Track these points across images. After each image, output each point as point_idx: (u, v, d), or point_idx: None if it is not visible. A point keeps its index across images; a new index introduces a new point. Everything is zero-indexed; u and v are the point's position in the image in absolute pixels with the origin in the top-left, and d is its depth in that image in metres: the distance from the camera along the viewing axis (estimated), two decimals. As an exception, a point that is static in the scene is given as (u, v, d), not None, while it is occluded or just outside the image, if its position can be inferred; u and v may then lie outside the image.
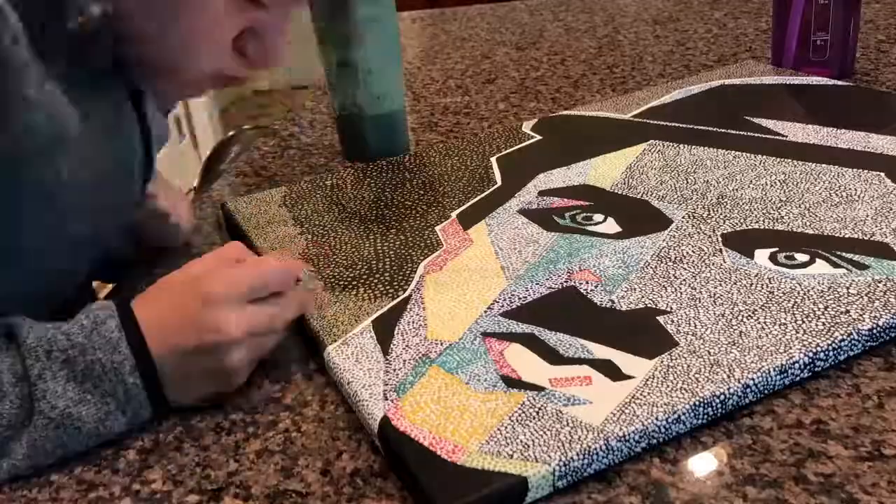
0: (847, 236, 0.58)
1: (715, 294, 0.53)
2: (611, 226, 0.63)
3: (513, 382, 0.47)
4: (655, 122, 0.83)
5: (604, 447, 0.42)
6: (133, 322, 0.48)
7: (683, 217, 0.63)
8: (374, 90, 0.82)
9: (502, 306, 0.54)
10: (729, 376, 0.45)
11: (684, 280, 0.55)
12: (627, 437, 0.42)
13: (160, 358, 0.47)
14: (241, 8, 0.52)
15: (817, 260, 0.56)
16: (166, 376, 0.48)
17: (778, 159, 0.71)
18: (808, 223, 0.61)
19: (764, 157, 0.72)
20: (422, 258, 0.61)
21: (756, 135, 0.77)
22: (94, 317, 0.47)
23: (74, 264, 0.58)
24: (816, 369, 0.47)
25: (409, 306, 0.55)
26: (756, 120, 0.80)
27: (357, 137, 0.85)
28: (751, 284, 0.54)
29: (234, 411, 0.50)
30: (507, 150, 0.80)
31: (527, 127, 0.85)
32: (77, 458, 0.48)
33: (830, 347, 0.47)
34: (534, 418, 0.44)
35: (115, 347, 0.46)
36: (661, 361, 0.47)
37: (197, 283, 0.50)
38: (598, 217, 0.65)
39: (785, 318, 0.50)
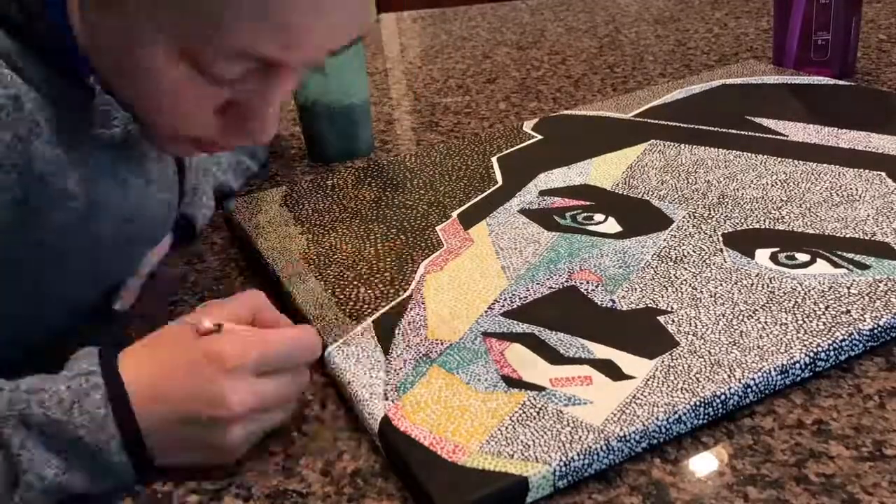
0: (848, 236, 0.58)
1: (716, 294, 0.53)
2: (611, 226, 0.63)
3: (513, 382, 0.47)
4: (656, 121, 0.82)
5: (604, 447, 0.42)
6: (120, 387, 0.43)
7: (684, 217, 0.63)
8: (333, 92, 0.82)
9: (503, 306, 0.54)
10: (730, 376, 0.45)
11: (685, 280, 0.55)
12: (628, 438, 0.42)
13: (148, 430, 0.43)
14: (206, 82, 0.46)
15: (818, 260, 0.56)
16: (155, 448, 0.44)
17: (779, 159, 0.71)
18: (808, 223, 0.60)
19: (765, 156, 0.72)
20: (422, 258, 0.61)
21: (757, 134, 0.77)
22: (77, 387, 0.43)
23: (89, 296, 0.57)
24: (817, 369, 0.47)
25: (409, 306, 0.55)
26: (757, 120, 0.80)
27: (315, 137, 0.86)
28: (751, 284, 0.54)
29: (234, 411, 0.50)
30: (508, 150, 0.80)
31: (528, 127, 0.85)
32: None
33: (831, 347, 0.47)
34: (534, 418, 0.44)
35: (101, 426, 0.42)
36: (662, 361, 0.47)
37: (201, 344, 0.44)
38: (598, 217, 0.65)
39: (786, 318, 0.50)
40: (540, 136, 0.82)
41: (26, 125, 0.45)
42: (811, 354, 0.47)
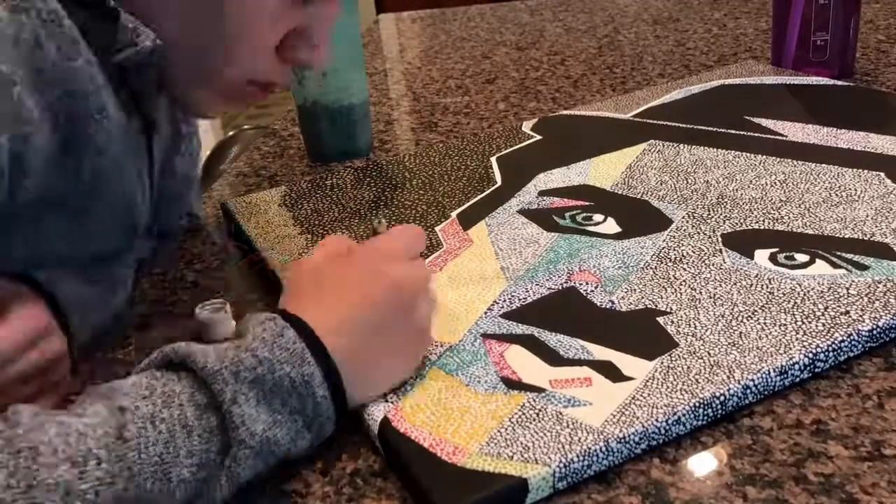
0: (847, 236, 0.58)
1: (715, 295, 0.53)
2: (611, 226, 0.63)
3: (513, 384, 0.47)
4: (655, 122, 0.83)
5: (604, 448, 0.42)
6: (306, 327, 0.43)
7: (683, 217, 0.63)
8: (332, 92, 0.82)
9: (502, 307, 0.54)
10: (729, 377, 0.45)
11: (684, 281, 0.55)
12: (627, 439, 0.42)
13: (341, 357, 0.43)
14: (290, 9, 0.52)
15: (817, 260, 0.56)
16: (350, 375, 0.43)
17: (778, 159, 0.71)
18: (808, 223, 0.61)
19: (764, 156, 0.72)
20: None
21: (756, 135, 0.77)
22: (269, 330, 0.42)
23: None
24: (816, 370, 0.47)
25: (409, 307, 0.55)
26: (756, 120, 0.80)
27: (315, 137, 0.86)
28: (751, 285, 0.54)
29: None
30: (508, 150, 0.80)
31: (527, 127, 0.85)
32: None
33: (830, 348, 0.47)
34: (534, 420, 0.44)
35: (302, 359, 0.42)
36: (661, 362, 0.47)
37: (348, 258, 0.47)
38: (598, 217, 0.65)
39: (785, 319, 0.50)
40: (539, 137, 0.83)
41: (68, 40, 0.47)
42: (810, 355, 0.47)
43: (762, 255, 0.57)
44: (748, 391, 0.45)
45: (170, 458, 0.38)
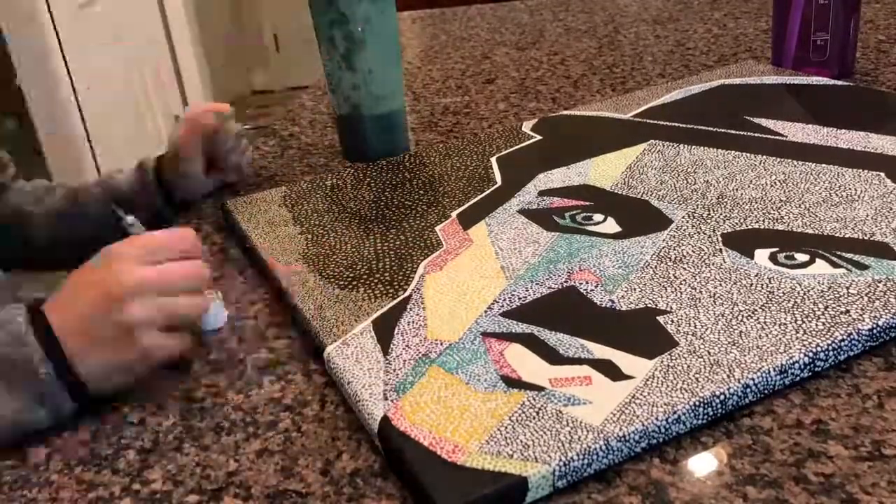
0: (847, 236, 0.58)
1: (715, 294, 0.53)
2: (611, 226, 0.63)
3: (513, 382, 0.47)
4: (655, 122, 0.83)
5: (604, 447, 0.42)
6: (41, 314, 0.49)
7: (683, 217, 0.63)
8: (375, 90, 0.82)
9: (502, 306, 0.54)
10: (729, 376, 0.45)
11: (684, 280, 0.55)
12: (627, 438, 0.42)
13: (63, 333, 0.48)
14: None
15: (817, 260, 0.56)
16: (75, 356, 0.48)
17: (778, 159, 0.71)
18: (808, 223, 0.61)
19: (764, 156, 0.72)
20: (422, 258, 0.61)
21: (756, 135, 0.77)
22: (4, 315, 0.49)
23: None
24: (816, 369, 0.47)
25: (409, 306, 0.55)
26: (756, 120, 0.80)
27: (358, 138, 0.85)
28: (751, 284, 0.54)
29: (234, 411, 0.50)
30: (507, 150, 0.80)
31: (527, 127, 0.85)
32: (77, 458, 0.48)
33: (830, 347, 0.47)
34: (534, 418, 0.44)
35: (24, 340, 0.48)
36: (661, 361, 0.47)
37: (97, 258, 0.52)
38: (598, 217, 0.65)
39: (785, 318, 0.50)
40: (539, 137, 0.83)
41: None
42: (810, 354, 0.47)
43: (762, 255, 0.57)
44: (748, 390, 0.45)
45: None
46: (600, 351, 0.49)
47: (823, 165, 0.69)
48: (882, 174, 0.67)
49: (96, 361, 0.49)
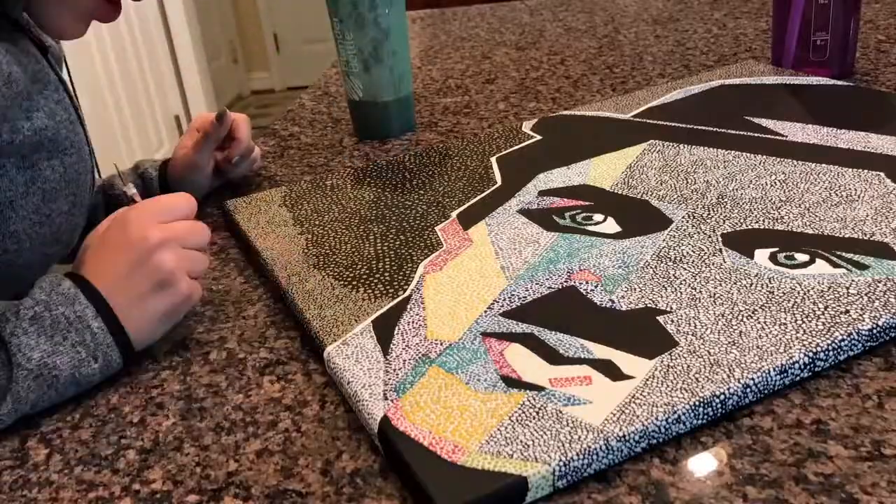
0: (847, 236, 0.58)
1: (715, 294, 0.53)
2: (611, 226, 0.63)
3: (513, 382, 0.47)
4: (655, 122, 0.83)
5: (604, 447, 0.42)
6: (81, 278, 0.53)
7: (683, 217, 0.63)
8: (397, 71, 0.89)
9: (502, 306, 0.54)
10: (729, 376, 0.45)
11: (684, 280, 0.55)
12: (627, 437, 0.42)
13: (109, 292, 0.53)
14: None
15: (817, 260, 0.56)
16: (123, 310, 0.53)
17: (778, 159, 0.71)
18: (808, 223, 0.61)
19: (764, 156, 0.72)
20: (422, 258, 0.61)
21: (756, 135, 0.77)
22: (49, 281, 0.53)
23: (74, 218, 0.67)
24: (816, 369, 0.47)
25: (408, 306, 0.55)
26: (756, 120, 0.80)
27: (376, 119, 0.92)
28: (751, 284, 0.54)
29: (234, 411, 0.50)
30: (507, 150, 0.80)
31: (527, 127, 0.85)
32: (76, 458, 0.48)
33: (830, 347, 0.47)
34: (534, 418, 0.44)
35: (75, 299, 0.52)
36: (661, 361, 0.47)
37: (116, 222, 0.56)
38: (598, 217, 0.65)
39: (785, 318, 0.50)
40: (539, 137, 0.83)
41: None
42: (810, 354, 0.47)
43: (762, 255, 0.57)
44: (748, 390, 0.45)
45: None
46: (600, 351, 0.49)
47: (823, 165, 0.69)
48: (882, 174, 0.67)
49: (140, 315, 0.53)
